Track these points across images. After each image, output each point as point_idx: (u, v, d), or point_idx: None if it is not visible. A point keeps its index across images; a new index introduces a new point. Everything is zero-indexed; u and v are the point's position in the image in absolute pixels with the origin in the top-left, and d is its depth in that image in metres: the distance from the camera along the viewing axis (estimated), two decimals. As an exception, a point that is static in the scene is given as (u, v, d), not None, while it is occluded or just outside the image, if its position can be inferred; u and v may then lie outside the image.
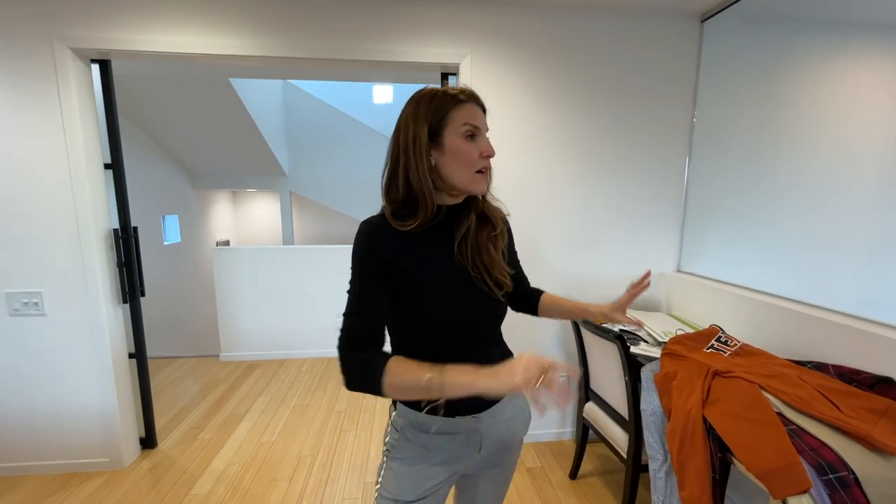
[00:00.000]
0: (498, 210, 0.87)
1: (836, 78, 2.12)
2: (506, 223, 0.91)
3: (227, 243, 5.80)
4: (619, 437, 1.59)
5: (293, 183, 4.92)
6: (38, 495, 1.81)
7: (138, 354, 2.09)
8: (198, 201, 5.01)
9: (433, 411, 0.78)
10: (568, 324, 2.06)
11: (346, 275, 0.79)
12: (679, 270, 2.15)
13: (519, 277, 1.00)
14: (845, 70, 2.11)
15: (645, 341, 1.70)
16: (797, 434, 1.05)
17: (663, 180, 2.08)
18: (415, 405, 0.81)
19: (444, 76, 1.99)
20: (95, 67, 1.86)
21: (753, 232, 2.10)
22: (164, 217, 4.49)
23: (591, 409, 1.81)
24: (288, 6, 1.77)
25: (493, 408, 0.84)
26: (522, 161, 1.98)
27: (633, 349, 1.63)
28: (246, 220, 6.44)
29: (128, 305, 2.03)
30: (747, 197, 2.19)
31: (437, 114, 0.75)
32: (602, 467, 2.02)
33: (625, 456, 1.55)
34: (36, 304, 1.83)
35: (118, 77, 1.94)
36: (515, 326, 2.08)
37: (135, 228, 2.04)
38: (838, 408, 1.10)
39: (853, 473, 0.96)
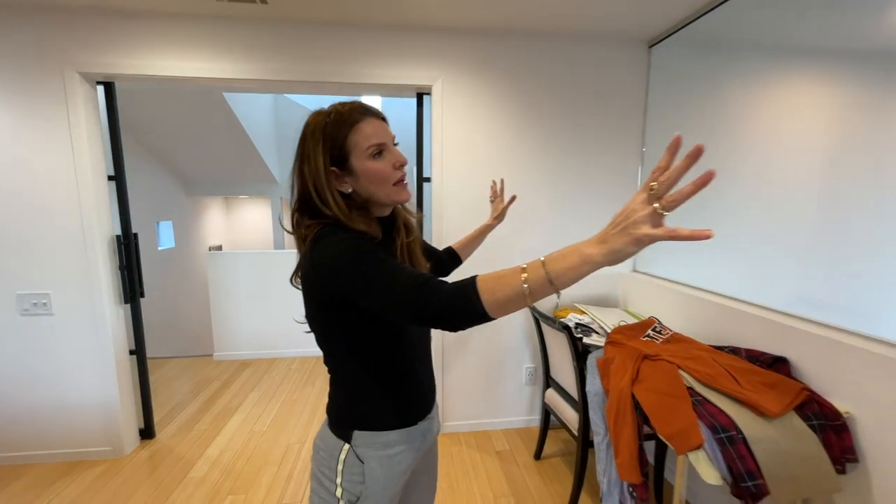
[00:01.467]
0: (413, 214, 0.92)
1: (769, 97, 2.38)
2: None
3: (219, 248, 5.94)
4: (572, 418, 1.79)
5: (284, 189, 5.09)
6: (44, 481, 1.97)
7: (138, 351, 2.26)
8: (191, 208, 5.16)
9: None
10: (531, 318, 2.26)
11: None
12: (635, 270, 2.37)
13: (433, 252, 1.11)
14: (777, 90, 2.37)
15: (597, 333, 1.91)
16: (701, 404, 1.26)
17: (619, 188, 2.30)
18: (376, 424, 0.80)
19: (419, 96, 2.20)
20: (100, 88, 2.04)
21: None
22: (158, 223, 4.64)
23: (550, 395, 2.01)
24: (276, 34, 1.97)
25: (434, 405, 0.93)
26: (491, 171, 2.19)
27: (585, 340, 1.84)
28: (238, 225, 6.58)
29: (129, 305, 2.20)
30: (693, 204, 2.41)
31: (335, 143, 0.74)
32: (564, 449, 2.22)
33: (576, 433, 1.75)
34: (45, 304, 1.99)
35: (117, 91, 2.11)
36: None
37: (135, 235, 2.21)
38: (739, 382, 1.31)
39: (741, 433, 1.17)
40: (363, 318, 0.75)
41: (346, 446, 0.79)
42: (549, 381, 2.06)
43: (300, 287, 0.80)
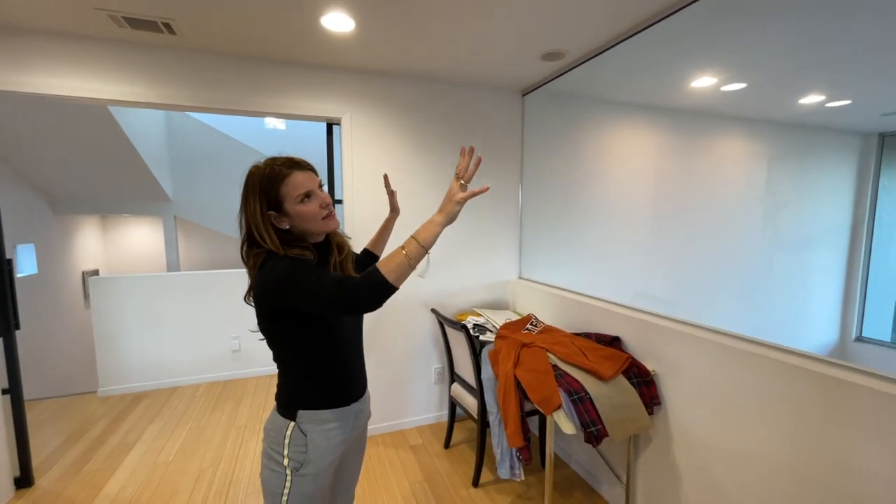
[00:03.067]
0: (344, 236, 1.14)
1: (612, 138, 3.04)
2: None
3: (95, 273, 5.24)
4: (472, 404, 2.12)
5: (178, 208, 4.75)
6: None
7: (13, 389, 2.04)
8: (59, 228, 4.53)
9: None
10: (437, 324, 2.56)
11: (238, 297, 1.01)
12: (520, 277, 2.82)
13: (361, 262, 1.35)
14: (616, 133, 3.04)
15: (490, 331, 2.28)
16: (562, 376, 1.66)
17: (504, 210, 2.75)
18: (316, 404, 0.99)
19: (329, 126, 2.40)
20: (-33, 103, 1.87)
21: (567, 247, 2.86)
22: (15, 247, 4.02)
23: (455, 388, 2.32)
24: (185, 62, 2.02)
25: (366, 392, 1.14)
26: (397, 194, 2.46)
27: (481, 337, 2.19)
28: (118, 247, 5.86)
29: (0, 339, 1.99)
30: (561, 222, 2.98)
31: (269, 194, 0.94)
32: (469, 437, 2.54)
33: (476, 417, 2.08)
34: None
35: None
36: (396, 325, 2.52)
37: (9, 261, 2.03)
38: (587, 357, 1.75)
39: (588, 394, 1.58)
40: (303, 323, 0.96)
41: (292, 424, 0.98)
42: (453, 377, 2.37)
43: (252, 304, 0.98)
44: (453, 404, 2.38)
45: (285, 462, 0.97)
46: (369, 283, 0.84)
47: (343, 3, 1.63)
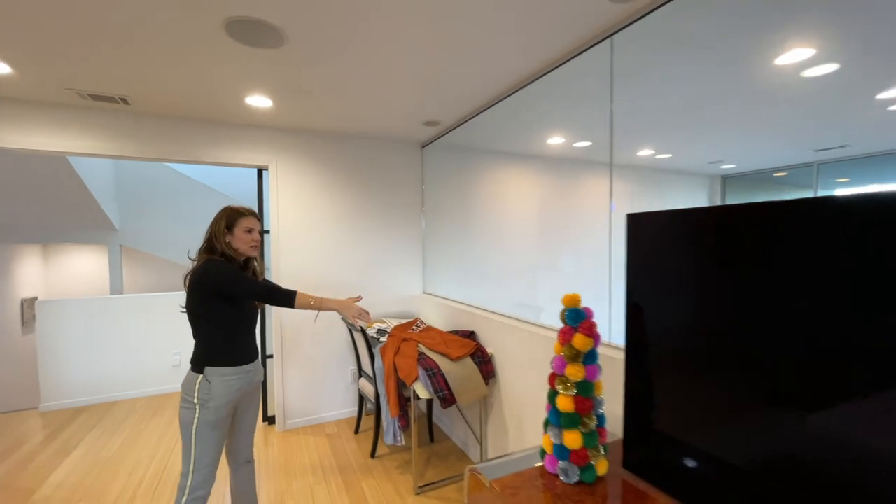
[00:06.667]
0: (260, 263, 1.75)
1: (499, 182, 3.79)
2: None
3: (34, 300, 5.32)
4: (371, 391, 2.67)
5: (125, 237, 5.03)
6: None
7: (-31, 395, 2.37)
8: (-1, 257, 4.70)
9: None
10: (348, 332, 3.10)
11: (181, 315, 1.61)
12: (424, 292, 3.45)
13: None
14: (503, 177, 3.80)
15: (388, 332, 2.86)
16: (423, 359, 2.27)
17: (410, 237, 3.39)
18: (219, 362, 1.53)
19: (260, 172, 2.97)
20: (-54, 155, 2.29)
21: (465, 267, 3.54)
22: (-46, 275, 4.17)
23: (361, 381, 2.87)
24: (137, 123, 2.55)
25: (257, 359, 1.71)
26: (317, 231, 3.05)
27: (382, 339, 2.77)
28: (60, 274, 5.94)
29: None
30: (459, 246, 3.67)
31: (230, 220, 1.59)
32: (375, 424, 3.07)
33: (373, 400, 2.63)
34: None
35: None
36: (318, 335, 3.04)
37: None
38: (448, 346, 2.38)
39: (440, 370, 2.20)
40: (224, 307, 1.53)
41: (201, 377, 1.50)
42: (360, 373, 2.91)
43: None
44: (361, 396, 2.92)
45: (195, 400, 1.48)
46: (286, 297, 1.57)
47: (261, 89, 2.25)
